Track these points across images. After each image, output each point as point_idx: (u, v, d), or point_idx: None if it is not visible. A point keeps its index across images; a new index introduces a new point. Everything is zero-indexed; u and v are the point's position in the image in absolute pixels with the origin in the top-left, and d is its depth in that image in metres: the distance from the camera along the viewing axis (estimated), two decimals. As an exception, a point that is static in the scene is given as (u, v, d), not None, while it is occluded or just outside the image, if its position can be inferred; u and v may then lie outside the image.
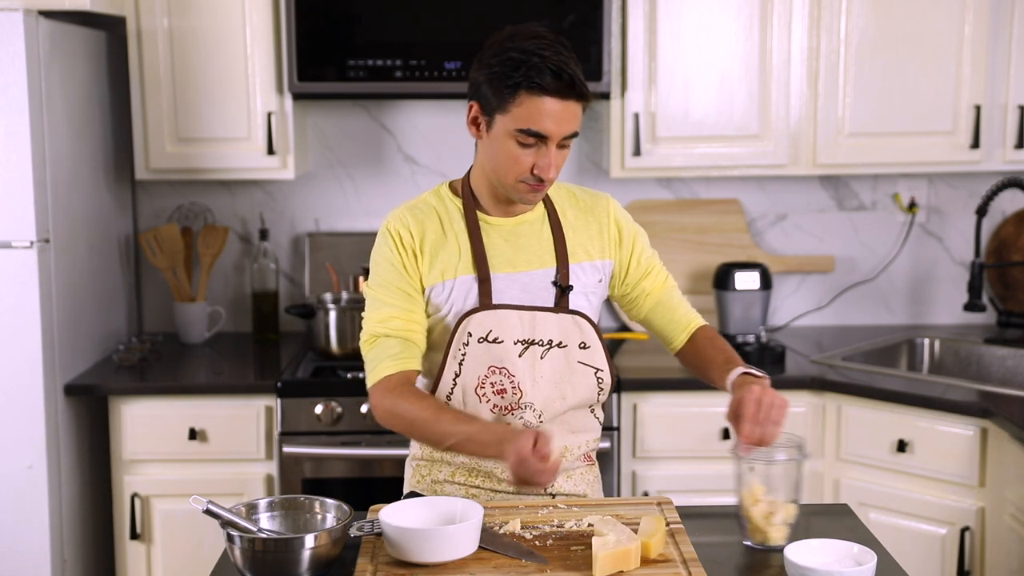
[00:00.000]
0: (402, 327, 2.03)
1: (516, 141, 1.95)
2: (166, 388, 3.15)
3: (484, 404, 2.06)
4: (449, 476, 2.13)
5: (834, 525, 2.14)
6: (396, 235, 2.05)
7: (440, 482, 2.13)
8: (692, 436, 3.12)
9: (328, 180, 3.73)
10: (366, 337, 2.06)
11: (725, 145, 3.37)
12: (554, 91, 1.90)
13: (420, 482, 2.16)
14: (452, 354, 2.04)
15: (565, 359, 2.07)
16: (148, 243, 3.52)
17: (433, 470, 2.14)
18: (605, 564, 1.75)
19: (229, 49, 3.29)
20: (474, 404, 2.06)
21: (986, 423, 2.83)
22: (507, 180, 1.99)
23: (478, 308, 2.02)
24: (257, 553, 1.77)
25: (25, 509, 2.96)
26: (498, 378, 2.04)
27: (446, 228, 2.07)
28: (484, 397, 2.05)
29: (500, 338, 2.03)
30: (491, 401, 2.05)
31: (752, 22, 3.31)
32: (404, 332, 2.03)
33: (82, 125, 3.23)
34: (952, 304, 3.74)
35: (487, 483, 2.11)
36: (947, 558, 2.92)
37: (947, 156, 3.35)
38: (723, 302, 3.46)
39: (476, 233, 2.05)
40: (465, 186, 2.11)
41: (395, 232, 2.05)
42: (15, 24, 2.84)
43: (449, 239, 2.05)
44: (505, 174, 1.99)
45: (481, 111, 1.99)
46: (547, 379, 2.06)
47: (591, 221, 2.14)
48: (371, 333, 2.05)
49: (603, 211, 2.15)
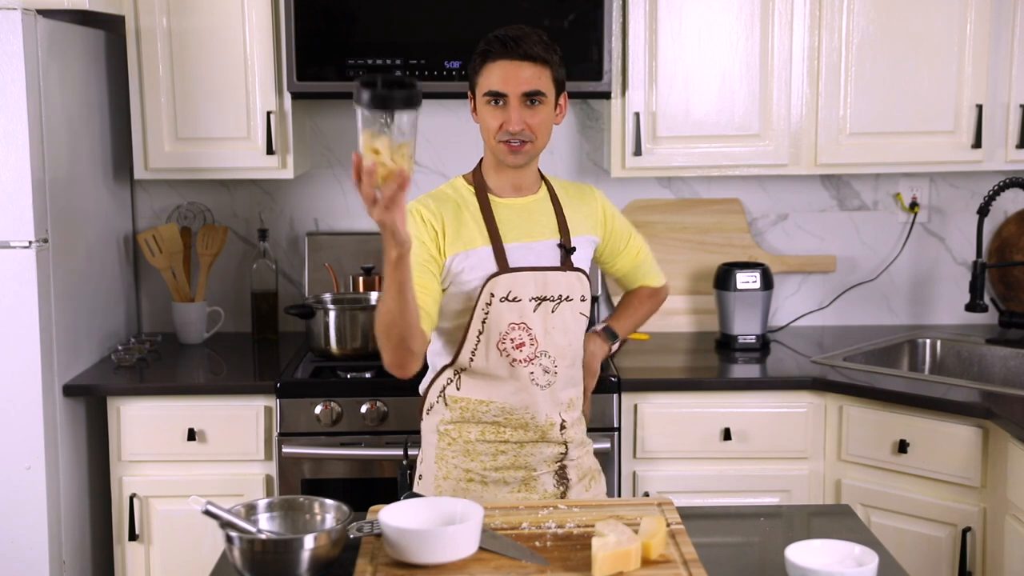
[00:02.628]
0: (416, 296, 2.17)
1: (487, 105, 2.29)
2: (165, 388, 3.14)
3: (504, 358, 2.31)
4: (479, 435, 2.35)
5: (835, 526, 2.13)
6: (418, 213, 2.29)
7: (472, 441, 2.35)
8: (693, 437, 3.11)
9: (328, 180, 3.72)
10: None
11: (726, 144, 3.36)
12: (502, 55, 2.27)
13: (451, 445, 2.35)
14: (476, 314, 2.29)
15: (571, 311, 2.37)
16: (147, 243, 3.51)
17: (463, 431, 2.35)
18: (605, 565, 1.74)
19: (228, 48, 3.28)
20: (495, 358, 2.31)
21: (988, 424, 2.82)
22: (491, 144, 2.32)
23: (498, 272, 2.29)
24: (256, 554, 1.77)
25: (23, 510, 2.95)
26: (517, 333, 2.30)
27: (462, 210, 2.33)
28: (504, 352, 2.30)
29: (518, 296, 2.30)
30: (511, 356, 2.30)
31: (753, 21, 3.31)
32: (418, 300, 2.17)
33: (81, 125, 3.23)
34: (954, 304, 3.74)
35: (515, 435, 2.34)
36: (949, 559, 2.91)
37: (949, 156, 3.34)
38: (724, 302, 3.45)
39: (488, 211, 2.33)
40: (477, 175, 2.39)
41: (417, 211, 2.29)
42: (13, 23, 2.84)
43: (466, 218, 2.32)
44: (488, 139, 2.32)
45: (471, 94, 2.34)
46: (558, 329, 2.34)
47: (583, 204, 2.47)
48: None
49: (592, 197, 2.50)
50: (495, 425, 2.33)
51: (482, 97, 2.29)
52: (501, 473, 2.34)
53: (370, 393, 3.08)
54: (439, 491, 2.36)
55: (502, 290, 2.28)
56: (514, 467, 2.35)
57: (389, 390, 3.09)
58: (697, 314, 3.67)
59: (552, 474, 2.38)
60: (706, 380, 3.15)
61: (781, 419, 3.11)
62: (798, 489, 3.12)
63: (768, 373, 3.25)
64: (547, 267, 2.34)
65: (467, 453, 2.34)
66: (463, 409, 2.34)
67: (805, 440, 3.12)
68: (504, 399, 2.32)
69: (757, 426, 3.11)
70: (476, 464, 2.35)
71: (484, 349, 2.31)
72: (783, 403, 3.11)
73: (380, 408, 3.06)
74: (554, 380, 2.34)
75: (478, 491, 2.34)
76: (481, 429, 2.34)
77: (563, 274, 2.35)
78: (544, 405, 2.33)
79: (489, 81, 2.27)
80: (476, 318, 2.29)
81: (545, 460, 2.37)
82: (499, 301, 2.28)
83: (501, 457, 2.34)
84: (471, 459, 2.35)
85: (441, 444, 2.37)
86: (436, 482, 2.37)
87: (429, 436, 2.41)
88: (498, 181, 2.37)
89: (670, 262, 3.61)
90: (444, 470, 2.36)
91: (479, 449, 2.34)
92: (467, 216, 2.32)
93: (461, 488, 2.34)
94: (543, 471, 2.37)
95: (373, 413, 3.06)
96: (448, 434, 2.36)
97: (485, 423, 2.34)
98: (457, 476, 2.35)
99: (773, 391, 3.12)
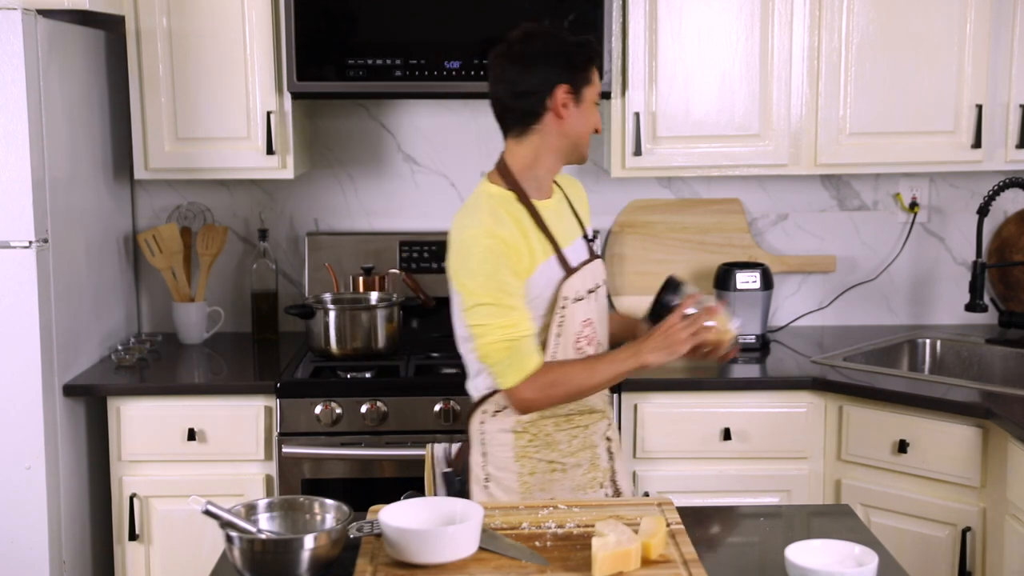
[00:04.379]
0: (528, 327, 2.27)
1: (594, 105, 2.37)
2: (165, 388, 3.14)
3: (578, 355, 2.37)
4: (555, 427, 2.40)
5: (835, 526, 2.13)
6: (501, 240, 2.25)
7: (550, 433, 2.39)
8: (693, 436, 3.11)
9: (328, 180, 3.72)
10: (500, 344, 2.25)
11: (726, 144, 3.36)
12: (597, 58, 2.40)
13: (532, 441, 2.38)
14: (554, 319, 2.33)
15: (603, 296, 2.50)
16: (147, 243, 3.51)
17: (541, 427, 2.38)
18: (605, 565, 1.74)
19: (228, 48, 3.28)
20: (572, 355, 2.37)
21: (988, 423, 2.82)
22: (585, 139, 2.38)
23: (566, 275, 2.34)
24: (256, 554, 1.77)
25: (23, 510, 2.95)
26: (588, 330, 2.39)
27: (519, 220, 2.32)
28: (579, 351, 2.38)
29: (582, 295, 2.38)
30: (583, 351, 2.38)
31: (753, 21, 3.31)
32: (530, 330, 2.28)
33: (81, 125, 3.23)
34: (953, 304, 3.74)
35: (584, 419, 2.42)
36: (949, 559, 2.91)
37: (949, 156, 3.34)
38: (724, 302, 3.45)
39: (538, 217, 2.35)
40: (508, 179, 2.36)
41: (499, 239, 2.25)
42: (13, 23, 2.84)
43: (527, 227, 2.32)
44: (581, 136, 2.37)
45: (571, 90, 2.32)
46: (603, 315, 2.48)
47: (577, 195, 2.57)
48: (506, 338, 2.25)
49: (578, 187, 2.60)
50: (567, 414, 2.41)
51: (592, 97, 2.36)
52: (576, 457, 2.42)
53: (370, 393, 3.08)
54: (524, 487, 2.38)
55: (572, 291, 2.35)
56: (584, 448, 2.44)
57: (389, 390, 3.09)
58: (697, 314, 3.67)
59: (605, 449, 2.49)
60: (706, 380, 3.15)
61: (781, 419, 3.11)
62: (798, 489, 3.12)
63: (768, 373, 3.25)
64: (587, 260, 2.44)
65: (548, 445, 2.40)
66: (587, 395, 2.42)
67: (805, 440, 3.12)
68: None
69: (757, 426, 3.11)
70: (557, 453, 2.40)
71: (563, 349, 2.36)
72: (783, 403, 3.12)
73: (380, 408, 3.06)
74: None
75: (560, 479, 2.40)
76: (555, 420, 2.40)
77: (597, 263, 2.47)
78: None
79: (597, 83, 2.36)
80: (554, 322, 2.33)
81: (601, 435, 2.48)
82: (572, 302, 2.35)
83: (575, 442, 2.42)
84: (552, 450, 2.40)
85: (520, 442, 2.39)
86: (521, 479, 2.38)
87: (501, 436, 2.39)
88: (536, 183, 2.38)
89: (670, 262, 3.61)
90: (528, 466, 2.39)
91: (558, 439, 2.40)
92: (525, 224, 2.32)
93: (547, 480, 2.39)
94: (601, 447, 2.48)
95: (373, 413, 3.06)
96: (527, 431, 2.39)
97: (559, 415, 2.40)
98: (543, 469, 2.39)
99: (773, 391, 3.12)
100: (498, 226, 2.26)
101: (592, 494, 2.43)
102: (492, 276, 2.24)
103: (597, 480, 2.45)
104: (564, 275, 2.34)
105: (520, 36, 2.33)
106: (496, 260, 2.24)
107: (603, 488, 2.45)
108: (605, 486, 2.46)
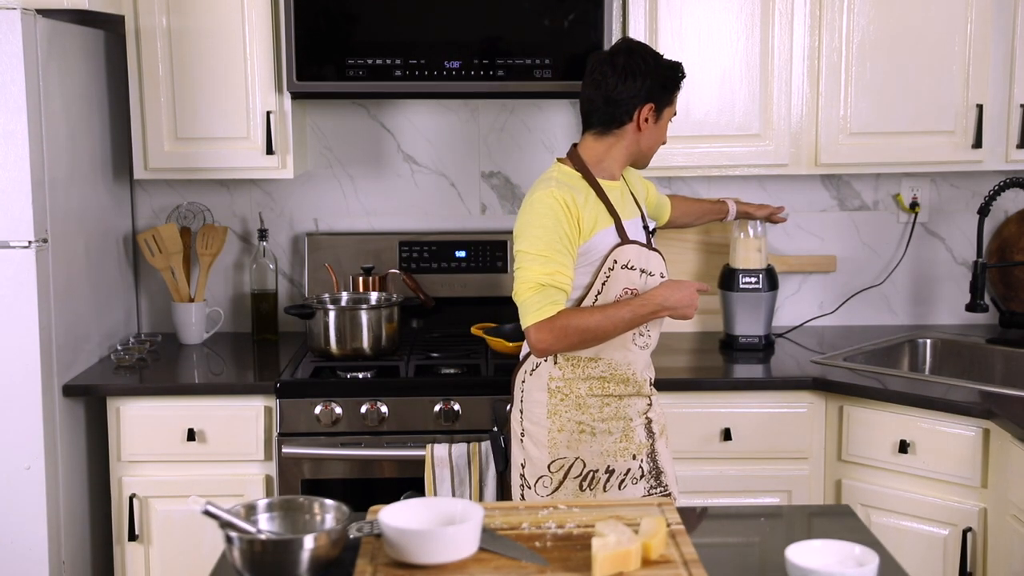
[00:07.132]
0: (564, 281, 2.51)
1: (669, 122, 2.70)
2: (164, 388, 3.14)
3: None
4: (588, 390, 2.62)
5: (836, 526, 2.13)
6: (563, 203, 2.52)
7: (582, 396, 2.62)
8: (693, 436, 3.11)
9: (327, 180, 3.72)
10: (529, 284, 2.50)
11: (726, 144, 3.36)
12: None
13: (564, 400, 2.62)
14: (599, 278, 2.58)
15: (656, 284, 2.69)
16: (147, 243, 3.51)
17: (573, 388, 2.62)
18: (605, 565, 1.74)
19: (228, 48, 3.28)
20: None
21: (988, 424, 2.82)
22: (653, 151, 2.71)
23: (621, 243, 2.59)
24: (256, 554, 1.77)
25: (23, 510, 2.95)
26: (628, 297, 2.59)
27: (585, 192, 2.59)
28: None
29: (633, 266, 2.60)
30: None
31: (753, 21, 3.30)
32: (564, 284, 2.51)
33: (80, 124, 3.23)
34: (954, 304, 3.74)
35: (617, 389, 2.64)
36: (949, 559, 2.91)
37: (949, 155, 3.34)
38: (728, 302, 3.45)
39: (603, 193, 2.61)
40: (577, 162, 2.65)
41: (561, 201, 2.52)
42: (13, 23, 2.83)
43: (591, 199, 2.58)
44: (655, 146, 2.70)
45: (655, 108, 2.63)
46: None
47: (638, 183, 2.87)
48: (536, 282, 2.50)
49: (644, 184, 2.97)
50: (601, 380, 2.63)
51: (669, 116, 2.69)
52: (607, 424, 2.63)
53: (370, 393, 3.08)
54: (553, 443, 2.63)
55: (623, 258, 2.58)
56: (616, 418, 2.64)
57: (389, 390, 3.09)
58: (702, 314, 3.66)
59: (643, 426, 2.68)
60: (706, 380, 3.15)
61: (781, 419, 3.11)
62: (798, 489, 3.12)
63: (768, 373, 3.25)
64: (647, 244, 2.67)
65: (578, 407, 2.62)
66: (574, 367, 2.62)
67: (805, 440, 3.12)
68: (610, 356, 2.62)
69: (757, 426, 3.10)
70: (586, 416, 2.62)
71: None
72: (783, 403, 3.11)
73: (380, 408, 3.06)
74: (650, 343, 2.70)
75: (588, 441, 2.63)
76: (589, 384, 2.62)
77: (656, 253, 2.69)
78: (640, 363, 2.67)
79: (675, 104, 2.70)
80: (598, 281, 2.58)
81: (639, 412, 2.67)
82: (620, 268, 2.58)
83: (606, 409, 2.63)
84: (582, 412, 2.62)
85: (553, 400, 2.63)
86: (551, 435, 2.63)
87: (537, 394, 2.64)
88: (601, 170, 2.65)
89: (671, 263, 3.61)
90: (559, 423, 2.63)
91: (588, 403, 2.62)
92: (589, 197, 2.58)
93: (574, 439, 2.63)
94: (637, 422, 2.67)
95: (373, 413, 3.06)
96: (560, 391, 2.63)
97: (593, 379, 2.62)
98: (571, 428, 2.63)
99: (773, 391, 3.12)
100: (562, 192, 2.53)
101: (622, 462, 2.63)
102: (547, 231, 2.50)
103: (630, 451, 2.65)
104: (619, 242, 2.58)
105: (626, 48, 2.61)
106: (554, 218, 2.50)
107: (636, 460, 2.65)
108: (639, 459, 2.66)
